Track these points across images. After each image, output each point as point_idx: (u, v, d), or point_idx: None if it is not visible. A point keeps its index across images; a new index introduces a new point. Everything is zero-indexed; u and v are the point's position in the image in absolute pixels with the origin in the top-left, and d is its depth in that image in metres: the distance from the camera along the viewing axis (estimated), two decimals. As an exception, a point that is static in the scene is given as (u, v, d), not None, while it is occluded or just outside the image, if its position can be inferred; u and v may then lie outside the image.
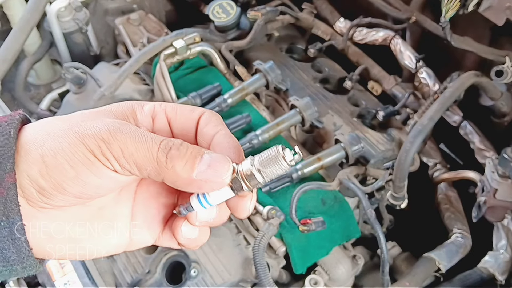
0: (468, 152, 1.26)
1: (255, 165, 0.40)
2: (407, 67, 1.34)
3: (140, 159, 0.39)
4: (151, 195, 0.45)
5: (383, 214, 1.19)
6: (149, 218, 0.45)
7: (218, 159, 0.40)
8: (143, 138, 0.39)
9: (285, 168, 0.39)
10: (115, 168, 0.39)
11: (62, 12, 1.52)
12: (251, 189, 0.40)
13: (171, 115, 0.43)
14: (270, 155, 0.39)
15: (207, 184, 0.39)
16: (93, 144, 0.38)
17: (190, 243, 0.45)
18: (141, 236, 0.46)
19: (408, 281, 1.04)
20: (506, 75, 1.13)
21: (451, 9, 1.09)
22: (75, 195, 0.39)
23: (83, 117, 0.41)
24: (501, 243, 1.11)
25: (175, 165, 0.39)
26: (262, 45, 1.48)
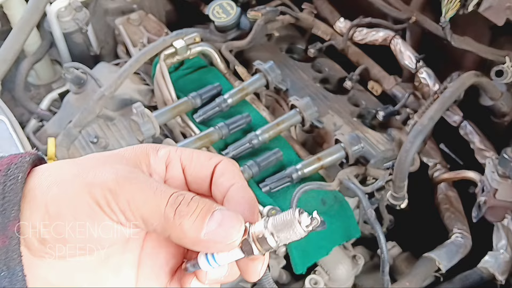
0: (468, 152, 1.26)
1: (269, 228, 0.37)
2: (407, 67, 1.34)
3: (147, 213, 0.37)
4: (160, 244, 0.43)
5: (383, 214, 1.19)
6: (156, 268, 0.43)
7: (230, 218, 0.37)
8: (152, 190, 0.37)
9: (300, 234, 0.36)
10: (120, 221, 0.37)
11: (62, 12, 1.52)
12: (262, 253, 0.38)
13: (186, 162, 0.41)
14: (285, 219, 0.37)
15: (216, 245, 0.37)
16: (99, 194, 0.36)
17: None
18: (148, 286, 0.43)
19: (408, 281, 1.04)
20: (506, 75, 1.13)
21: (451, 9, 1.09)
22: (77, 247, 0.38)
23: (93, 163, 0.39)
24: (501, 243, 1.11)
25: (183, 222, 0.36)
26: (262, 45, 1.48)
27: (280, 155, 1.15)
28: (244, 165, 1.10)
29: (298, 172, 1.11)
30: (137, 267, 0.43)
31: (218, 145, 1.20)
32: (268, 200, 1.08)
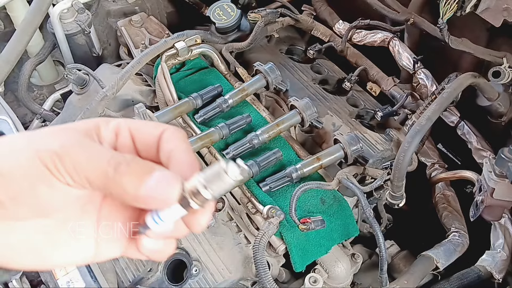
0: (465, 152, 1.27)
1: (201, 181, 0.39)
2: (405, 68, 1.35)
3: (90, 173, 0.39)
4: (116, 209, 0.46)
5: (382, 213, 1.20)
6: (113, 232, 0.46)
7: (167, 177, 0.40)
8: (94, 153, 0.40)
9: (231, 184, 0.39)
10: (68, 182, 0.40)
11: (64, 13, 1.53)
12: (200, 205, 0.40)
13: (135, 131, 0.44)
14: (214, 171, 0.39)
15: (154, 201, 0.40)
16: (47, 158, 0.39)
17: (155, 254, 0.45)
18: (107, 248, 0.46)
19: (406, 279, 1.05)
20: (503, 76, 1.14)
21: (448, 11, 1.10)
22: (31, 207, 0.40)
23: (43, 134, 0.41)
24: (498, 242, 1.12)
25: (123, 180, 0.39)
26: (262, 47, 1.50)
27: (280, 155, 1.16)
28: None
29: (297, 172, 1.12)
30: (96, 230, 0.45)
31: (218, 145, 1.22)
32: (268, 199, 1.09)
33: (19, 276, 1.10)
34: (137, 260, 1.10)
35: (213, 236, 1.08)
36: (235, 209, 1.13)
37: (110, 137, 0.43)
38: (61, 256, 0.44)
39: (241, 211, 1.12)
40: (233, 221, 1.12)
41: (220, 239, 1.08)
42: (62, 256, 0.44)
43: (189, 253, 1.07)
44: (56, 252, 0.44)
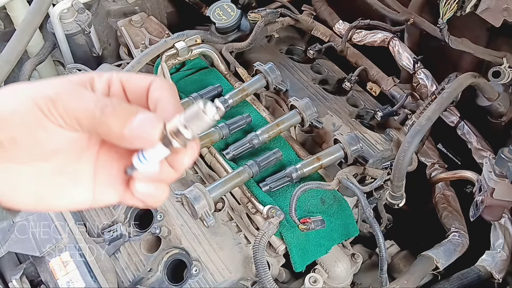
0: (465, 152, 1.27)
1: (181, 121, 0.42)
2: (405, 68, 1.35)
3: (79, 114, 0.43)
4: (112, 157, 0.49)
5: (382, 213, 1.21)
6: (111, 177, 0.49)
7: (150, 118, 0.43)
8: (83, 97, 0.43)
9: (208, 122, 0.41)
10: (60, 124, 0.43)
11: (64, 13, 1.53)
12: (182, 144, 0.43)
13: (126, 83, 0.47)
14: (193, 111, 0.42)
15: (137, 140, 0.43)
16: (42, 104, 0.42)
17: (148, 199, 0.48)
18: (105, 194, 0.49)
19: (406, 279, 1.05)
20: (503, 76, 1.14)
21: (448, 11, 1.10)
22: (28, 149, 0.44)
23: (41, 83, 0.45)
24: (498, 242, 1.12)
25: (109, 121, 0.42)
26: (262, 47, 1.50)
27: (280, 155, 1.16)
28: (244, 165, 1.11)
29: (297, 172, 1.12)
30: (93, 176, 0.49)
31: (218, 145, 1.22)
32: (268, 199, 1.09)
33: (19, 276, 1.10)
34: (137, 260, 1.11)
35: (213, 236, 1.08)
36: (235, 209, 1.13)
37: (102, 87, 0.46)
38: (60, 199, 0.48)
39: (241, 211, 1.12)
40: (233, 221, 1.12)
41: (220, 239, 1.08)
42: (61, 199, 0.48)
43: (189, 253, 1.07)
44: (55, 195, 0.47)
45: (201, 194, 1.02)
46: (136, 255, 1.11)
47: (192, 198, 1.01)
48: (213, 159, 1.19)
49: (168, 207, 1.13)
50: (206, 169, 1.20)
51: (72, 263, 1.06)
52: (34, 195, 0.46)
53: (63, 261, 1.07)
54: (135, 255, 1.11)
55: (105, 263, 1.08)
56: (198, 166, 1.22)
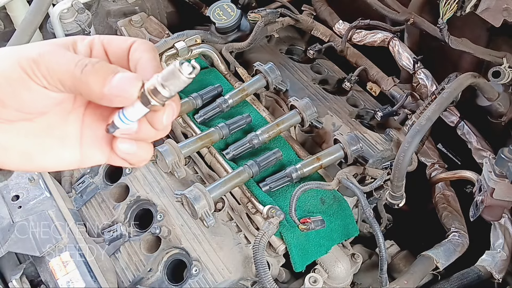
0: (465, 152, 1.27)
1: (159, 80, 0.43)
2: (405, 68, 1.35)
3: (61, 75, 0.44)
4: (97, 119, 0.51)
5: (382, 213, 1.21)
6: (97, 139, 0.51)
7: (129, 77, 0.44)
8: (65, 57, 0.45)
9: (184, 81, 0.43)
10: (44, 84, 0.44)
11: (64, 13, 1.53)
12: (160, 102, 0.44)
13: (107, 45, 0.48)
14: (169, 70, 0.43)
15: (117, 98, 0.44)
16: (26, 64, 0.44)
17: (131, 158, 0.50)
18: (92, 155, 0.51)
19: (406, 279, 1.05)
20: (503, 76, 1.14)
21: (448, 11, 1.10)
22: (15, 109, 0.45)
23: (25, 46, 0.46)
24: (498, 242, 1.12)
25: (88, 79, 0.44)
26: (262, 47, 1.50)
27: (280, 155, 1.16)
28: (244, 165, 1.11)
29: (297, 172, 1.12)
30: (80, 138, 0.51)
31: (218, 145, 1.22)
32: (268, 199, 1.09)
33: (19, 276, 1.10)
34: (137, 260, 1.11)
35: (213, 236, 1.08)
36: (235, 209, 1.13)
37: (85, 50, 0.48)
38: (49, 159, 0.50)
39: (241, 211, 1.12)
40: (233, 221, 1.12)
41: (220, 239, 1.08)
42: (50, 159, 0.50)
43: (189, 253, 1.07)
44: (44, 156, 0.49)
45: (201, 194, 1.02)
46: (136, 255, 1.11)
47: (192, 198, 1.01)
48: (213, 159, 1.19)
49: (168, 207, 1.13)
50: (206, 169, 1.20)
51: (72, 263, 1.06)
52: (23, 154, 0.48)
53: (63, 261, 1.07)
54: (135, 255, 1.11)
55: (105, 263, 1.08)
56: (198, 166, 1.22)
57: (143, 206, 1.17)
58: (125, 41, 0.48)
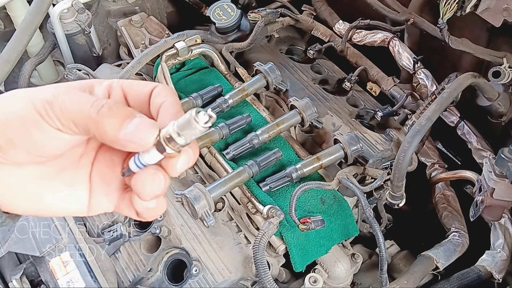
0: (465, 152, 1.27)
1: (174, 129, 0.42)
2: (405, 68, 1.35)
3: (75, 116, 0.43)
4: (107, 165, 0.49)
5: (382, 213, 1.20)
6: (106, 186, 0.49)
7: (146, 123, 0.43)
8: (81, 99, 0.43)
9: (200, 130, 0.42)
10: (58, 126, 0.43)
11: (64, 13, 1.53)
12: (175, 150, 0.43)
13: (127, 89, 0.47)
14: (185, 119, 0.42)
15: (132, 144, 0.43)
16: (40, 105, 0.43)
17: (147, 212, 0.48)
18: (100, 202, 0.50)
19: (406, 279, 1.05)
20: (503, 76, 1.14)
21: (449, 11, 1.10)
22: (26, 151, 0.44)
23: (40, 87, 0.45)
24: (498, 242, 1.12)
25: (104, 122, 0.42)
26: (262, 47, 1.50)
27: (280, 155, 1.16)
28: (244, 165, 1.11)
29: (297, 172, 1.12)
30: (89, 183, 0.49)
31: (218, 145, 1.22)
32: (268, 199, 1.09)
33: (19, 276, 1.10)
34: (137, 260, 1.11)
35: (213, 236, 1.08)
36: (235, 209, 1.13)
37: (102, 93, 0.46)
38: (57, 204, 0.48)
39: (241, 211, 1.12)
40: (233, 221, 1.12)
41: (220, 239, 1.08)
42: (58, 204, 0.48)
43: (189, 253, 1.07)
44: (53, 200, 0.48)
45: (201, 194, 1.01)
46: (136, 255, 1.11)
47: (192, 198, 1.01)
48: (213, 159, 1.19)
49: (168, 207, 1.13)
50: (206, 169, 1.20)
51: (72, 263, 1.06)
52: (31, 198, 0.47)
53: (63, 261, 1.07)
54: (135, 255, 1.11)
55: (105, 263, 1.08)
56: (198, 166, 1.22)
57: (143, 206, 1.16)
58: (146, 85, 0.47)
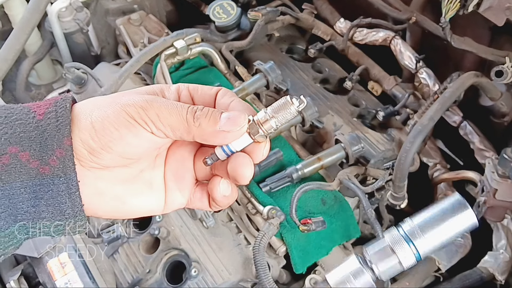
0: (468, 152, 1.26)
1: (269, 113, 0.48)
2: (407, 67, 1.34)
3: (173, 121, 0.47)
4: (177, 161, 0.54)
5: (383, 214, 1.19)
6: (179, 182, 0.53)
7: (236, 113, 0.48)
8: (174, 105, 0.48)
9: (293, 113, 0.48)
10: (152, 130, 0.47)
11: (63, 12, 1.52)
12: (266, 134, 0.49)
13: (193, 92, 0.52)
14: (280, 103, 0.48)
15: (230, 133, 0.48)
16: (133, 111, 0.46)
17: (224, 200, 0.52)
18: (175, 198, 0.53)
19: (408, 280, 1.04)
20: (506, 76, 1.13)
21: (451, 9, 1.09)
22: (119, 154, 0.47)
23: (123, 94, 0.49)
24: (501, 243, 1.11)
25: (202, 122, 0.47)
26: (262, 45, 1.49)
27: (280, 155, 1.15)
28: (244, 165, 1.10)
29: (298, 172, 1.11)
30: (164, 181, 0.53)
31: (218, 145, 1.21)
32: (268, 200, 1.08)
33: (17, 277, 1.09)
34: (136, 261, 1.10)
35: (212, 237, 1.07)
36: (235, 210, 1.12)
37: (173, 96, 0.51)
38: (139, 205, 0.52)
39: (241, 211, 1.11)
40: (233, 222, 1.12)
41: (219, 240, 1.08)
42: (140, 205, 0.52)
43: (188, 254, 1.06)
44: (135, 201, 0.51)
45: (200, 194, 1.01)
46: (135, 256, 1.10)
47: (191, 199, 1.00)
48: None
49: (167, 208, 1.12)
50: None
51: (70, 264, 1.05)
52: (116, 200, 0.50)
53: (61, 262, 1.06)
54: (134, 256, 1.10)
55: (103, 264, 1.07)
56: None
57: (142, 207, 1.16)
58: (211, 88, 0.52)
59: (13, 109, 0.47)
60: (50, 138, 0.45)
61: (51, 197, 0.45)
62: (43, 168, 0.45)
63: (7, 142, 0.44)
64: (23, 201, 0.45)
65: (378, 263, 0.42)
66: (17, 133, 0.45)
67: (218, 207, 0.53)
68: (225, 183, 0.51)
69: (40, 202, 0.45)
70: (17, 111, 0.46)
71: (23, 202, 0.45)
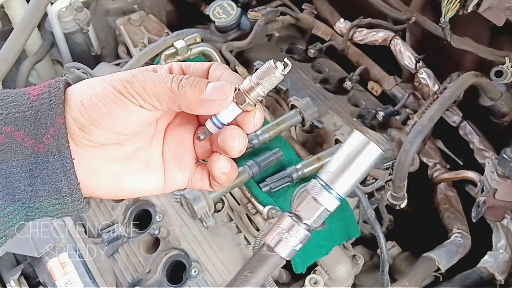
0: (468, 152, 1.26)
1: (253, 79, 0.47)
2: (407, 67, 1.34)
3: (158, 91, 0.46)
4: (176, 142, 0.53)
5: (383, 214, 1.20)
6: (178, 162, 0.53)
7: (222, 83, 0.48)
8: (159, 76, 0.47)
9: (278, 77, 0.47)
10: (140, 103, 0.47)
11: (63, 12, 1.52)
12: (253, 102, 0.47)
13: (186, 69, 0.51)
14: (264, 68, 0.47)
15: (215, 103, 0.47)
16: (120, 85, 0.46)
17: (224, 176, 0.51)
18: (175, 178, 0.53)
19: (408, 280, 1.04)
20: (505, 76, 1.13)
21: (451, 9, 1.09)
22: (110, 130, 0.47)
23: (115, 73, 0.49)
24: (500, 243, 1.11)
25: (186, 91, 0.47)
26: (262, 46, 1.49)
27: (280, 155, 1.15)
28: (244, 165, 1.10)
29: (298, 172, 1.11)
30: (162, 161, 0.53)
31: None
32: (268, 200, 1.08)
33: (17, 277, 1.09)
34: (136, 261, 1.10)
35: (212, 237, 1.07)
36: (235, 210, 1.12)
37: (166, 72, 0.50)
38: (136, 184, 0.51)
39: (241, 211, 1.11)
40: (233, 222, 1.12)
41: (219, 240, 1.08)
42: (137, 184, 0.51)
43: (188, 254, 1.06)
44: (132, 180, 0.51)
45: (200, 194, 1.01)
46: (135, 256, 1.10)
47: (191, 199, 1.00)
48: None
49: (167, 208, 1.12)
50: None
51: (70, 264, 1.05)
52: (113, 180, 0.50)
53: (61, 262, 1.06)
54: (134, 256, 1.10)
55: (103, 264, 1.07)
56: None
57: (142, 207, 1.16)
58: (203, 64, 0.51)
59: (8, 93, 0.48)
60: (44, 117, 0.46)
61: (46, 175, 0.46)
62: (37, 146, 0.45)
63: (3, 122, 0.45)
64: (19, 180, 0.45)
65: (308, 216, 0.46)
66: (11, 114, 0.46)
67: (218, 185, 0.53)
68: (224, 159, 0.51)
69: (36, 181, 0.46)
70: (12, 94, 0.48)
71: (20, 181, 0.45)
